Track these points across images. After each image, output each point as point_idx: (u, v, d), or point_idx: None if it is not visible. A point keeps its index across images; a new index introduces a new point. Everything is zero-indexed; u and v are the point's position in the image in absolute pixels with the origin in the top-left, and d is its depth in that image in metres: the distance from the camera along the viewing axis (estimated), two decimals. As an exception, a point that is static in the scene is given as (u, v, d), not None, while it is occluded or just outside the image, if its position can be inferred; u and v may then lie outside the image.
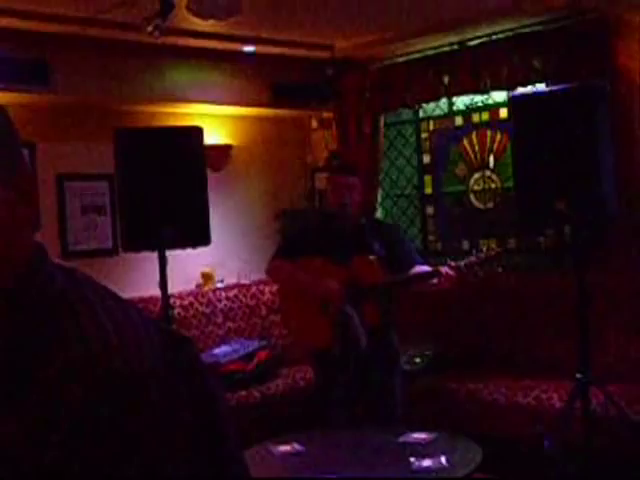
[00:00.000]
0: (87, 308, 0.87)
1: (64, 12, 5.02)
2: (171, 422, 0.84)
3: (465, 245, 6.66)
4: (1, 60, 5.13)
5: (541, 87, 5.64)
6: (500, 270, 4.44)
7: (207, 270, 6.50)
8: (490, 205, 6.52)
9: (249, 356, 5.87)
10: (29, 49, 5.29)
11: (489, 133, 6.47)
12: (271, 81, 6.62)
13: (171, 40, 5.38)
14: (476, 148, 6.55)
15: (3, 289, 0.86)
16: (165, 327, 0.95)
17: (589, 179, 4.33)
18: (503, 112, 6.24)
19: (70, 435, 0.79)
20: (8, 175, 0.89)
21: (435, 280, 4.30)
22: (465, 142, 6.62)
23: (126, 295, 4.42)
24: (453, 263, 4.34)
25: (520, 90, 5.72)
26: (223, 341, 6.19)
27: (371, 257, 4.42)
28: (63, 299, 0.87)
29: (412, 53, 6.38)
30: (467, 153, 6.61)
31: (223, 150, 6.75)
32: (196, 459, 0.87)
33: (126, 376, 0.83)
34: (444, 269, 4.28)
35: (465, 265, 4.36)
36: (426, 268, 4.41)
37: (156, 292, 4.81)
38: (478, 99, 6.48)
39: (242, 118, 6.92)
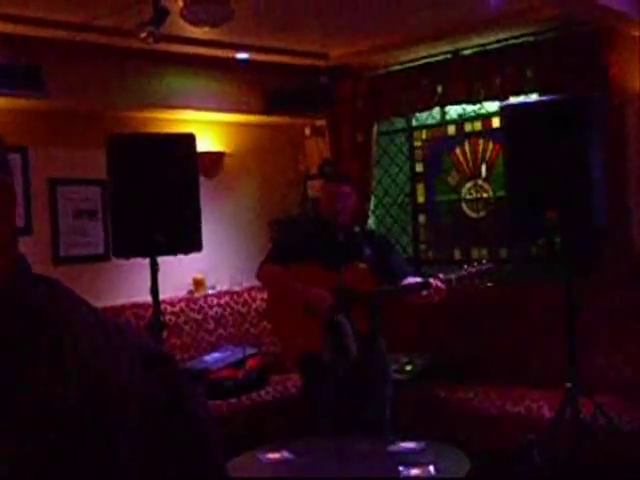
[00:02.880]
0: (66, 325, 0.87)
1: (58, 18, 5.02)
2: (150, 440, 0.84)
3: (457, 254, 6.68)
4: (-6, 65, 5.13)
5: (534, 97, 5.66)
6: (490, 285, 4.45)
7: (198, 276, 6.50)
8: (482, 214, 6.53)
9: (240, 363, 5.86)
10: (22, 54, 5.29)
11: (481, 142, 6.49)
12: (264, 88, 6.63)
13: (165, 47, 5.38)
14: (468, 157, 6.57)
15: None
16: (146, 343, 0.93)
17: (580, 189, 4.35)
18: (496, 122, 6.25)
19: (48, 453, 0.79)
20: None
21: (425, 292, 4.31)
22: (458, 151, 6.64)
23: (117, 301, 4.45)
24: (443, 276, 4.34)
25: (512, 100, 5.74)
26: (214, 348, 6.18)
27: (362, 265, 4.43)
28: (42, 316, 0.87)
29: (406, 62, 6.40)
30: (459, 162, 6.63)
31: (216, 157, 6.75)
32: (177, 476, 0.86)
33: (103, 395, 0.82)
34: (434, 282, 4.28)
35: (456, 278, 4.36)
36: (417, 280, 4.42)
37: (147, 298, 4.81)
38: (471, 108, 6.50)
39: (235, 125, 6.93)
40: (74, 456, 0.79)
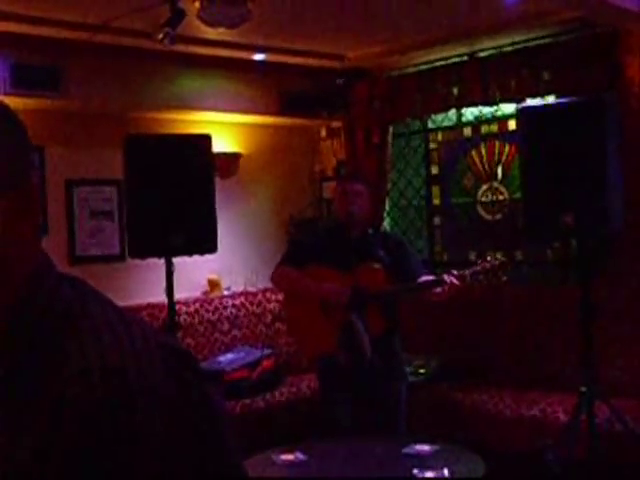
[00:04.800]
0: (90, 325, 0.87)
1: (76, 19, 5.04)
2: (171, 438, 0.84)
3: (472, 256, 6.65)
4: (13, 66, 5.16)
5: (550, 99, 5.64)
6: (504, 279, 4.43)
7: (214, 277, 6.51)
8: (498, 217, 6.51)
9: (254, 364, 5.87)
10: (41, 55, 5.32)
11: (497, 145, 6.47)
12: (281, 90, 6.64)
13: (181, 48, 5.40)
14: (484, 160, 6.55)
15: (5, 306, 0.85)
16: (166, 340, 0.94)
17: (596, 192, 4.33)
18: (512, 124, 6.23)
19: (69, 455, 0.79)
20: (6, 187, 0.88)
21: (439, 289, 4.30)
22: (473, 153, 6.62)
23: (133, 301, 4.46)
24: (457, 272, 4.34)
25: (528, 102, 5.72)
26: (228, 349, 6.19)
27: (376, 265, 4.42)
28: (66, 315, 0.87)
29: (422, 64, 6.40)
30: (475, 164, 6.61)
31: (232, 158, 6.76)
32: (196, 474, 0.86)
33: (126, 396, 0.82)
34: (448, 278, 4.27)
35: (470, 274, 4.36)
36: (430, 277, 4.42)
37: (163, 298, 4.82)
38: (487, 111, 6.49)
39: (251, 126, 6.94)
40: (95, 452, 0.80)
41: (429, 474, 3.54)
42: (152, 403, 0.83)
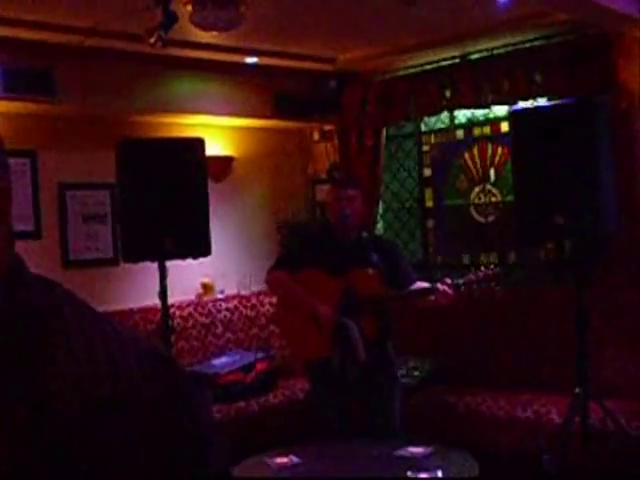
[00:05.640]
0: (64, 328, 0.86)
1: (68, 22, 5.04)
2: (148, 441, 0.83)
3: (465, 259, 6.67)
4: (5, 70, 5.15)
5: (542, 102, 5.66)
6: (498, 289, 4.44)
7: (207, 281, 6.51)
8: (491, 219, 6.52)
9: (248, 367, 5.86)
10: (33, 59, 5.31)
11: (490, 147, 6.48)
12: (273, 93, 6.64)
13: (174, 51, 5.40)
14: (477, 162, 6.56)
15: None
16: (146, 346, 0.93)
17: (589, 194, 4.34)
18: (504, 126, 6.25)
19: (43, 454, 0.78)
20: None
21: (432, 297, 4.31)
22: (466, 156, 6.63)
23: (126, 305, 4.47)
24: (450, 281, 4.34)
25: (521, 104, 5.74)
26: (222, 352, 6.19)
27: (369, 270, 4.43)
28: (40, 319, 0.86)
29: (414, 66, 6.41)
30: (468, 167, 6.62)
31: (225, 161, 6.76)
32: (177, 477, 0.86)
33: (101, 397, 0.82)
34: (442, 286, 4.28)
35: (463, 283, 4.36)
36: (424, 284, 4.42)
37: (156, 302, 4.82)
38: (479, 113, 6.50)
39: (244, 129, 6.94)
40: (71, 458, 0.79)
41: (423, 476, 3.54)
42: (130, 406, 0.83)
